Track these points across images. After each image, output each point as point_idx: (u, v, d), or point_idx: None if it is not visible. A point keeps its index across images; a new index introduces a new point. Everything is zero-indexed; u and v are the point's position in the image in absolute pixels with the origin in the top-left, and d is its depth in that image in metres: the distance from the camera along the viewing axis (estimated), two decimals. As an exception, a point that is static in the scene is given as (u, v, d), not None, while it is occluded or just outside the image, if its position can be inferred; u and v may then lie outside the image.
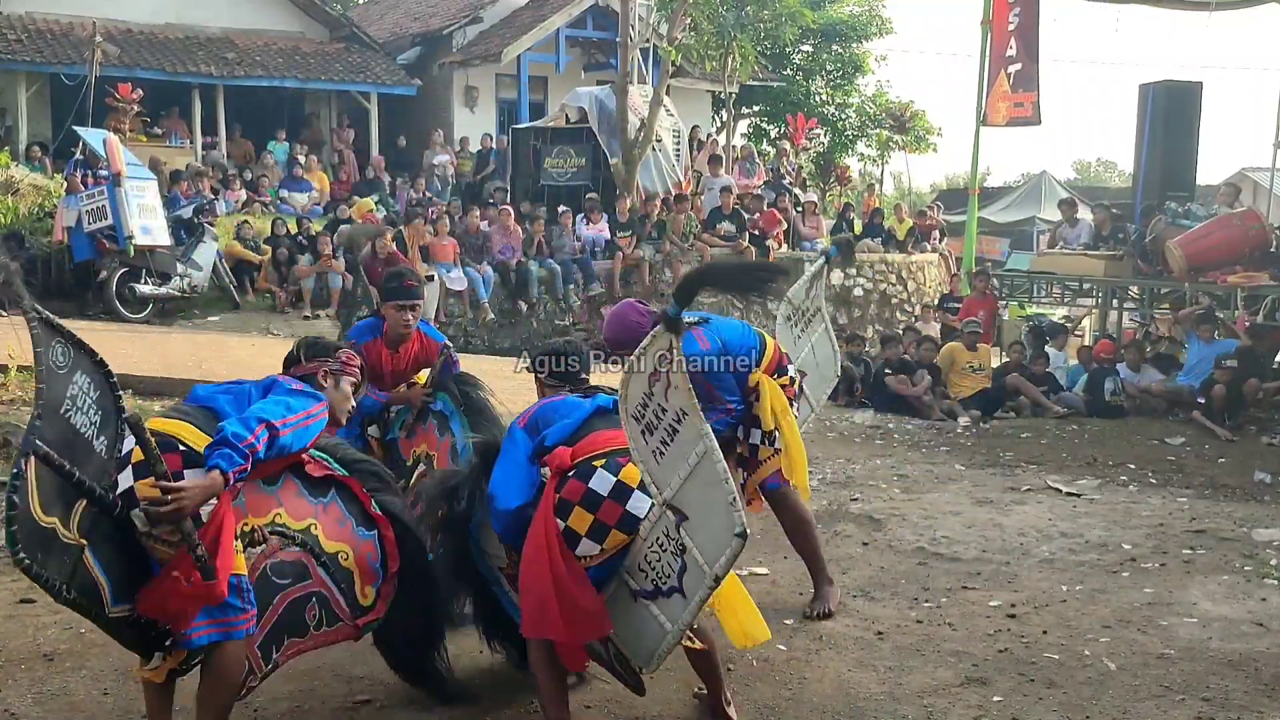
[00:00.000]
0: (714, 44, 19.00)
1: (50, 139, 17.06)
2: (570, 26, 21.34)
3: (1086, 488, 7.12)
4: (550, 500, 3.20)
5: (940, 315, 13.61)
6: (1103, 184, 40.25)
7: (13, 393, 7.47)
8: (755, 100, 25.56)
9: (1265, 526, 6.09)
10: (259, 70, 19.28)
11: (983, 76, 13.97)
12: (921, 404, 10.00)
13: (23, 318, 2.61)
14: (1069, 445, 8.65)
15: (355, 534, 3.50)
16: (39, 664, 3.88)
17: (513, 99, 21.65)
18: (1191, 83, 12.71)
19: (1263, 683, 3.92)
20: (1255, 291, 10.10)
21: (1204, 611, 4.66)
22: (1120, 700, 3.76)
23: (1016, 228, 22.94)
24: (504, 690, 3.79)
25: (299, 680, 3.79)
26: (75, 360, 2.76)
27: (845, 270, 15.18)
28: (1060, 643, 4.27)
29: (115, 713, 3.56)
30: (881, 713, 3.66)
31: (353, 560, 3.48)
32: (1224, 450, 8.46)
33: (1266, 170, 15.60)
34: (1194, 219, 11.10)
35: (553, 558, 3.12)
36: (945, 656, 4.13)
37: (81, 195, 12.50)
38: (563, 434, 3.36)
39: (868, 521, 6.08)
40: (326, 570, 3.42)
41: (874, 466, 7.67)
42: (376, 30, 23.39)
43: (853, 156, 26.54)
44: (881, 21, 25.86)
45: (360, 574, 3.50)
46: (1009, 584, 5.04)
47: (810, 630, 4.37)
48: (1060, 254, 12.41)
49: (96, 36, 16.20)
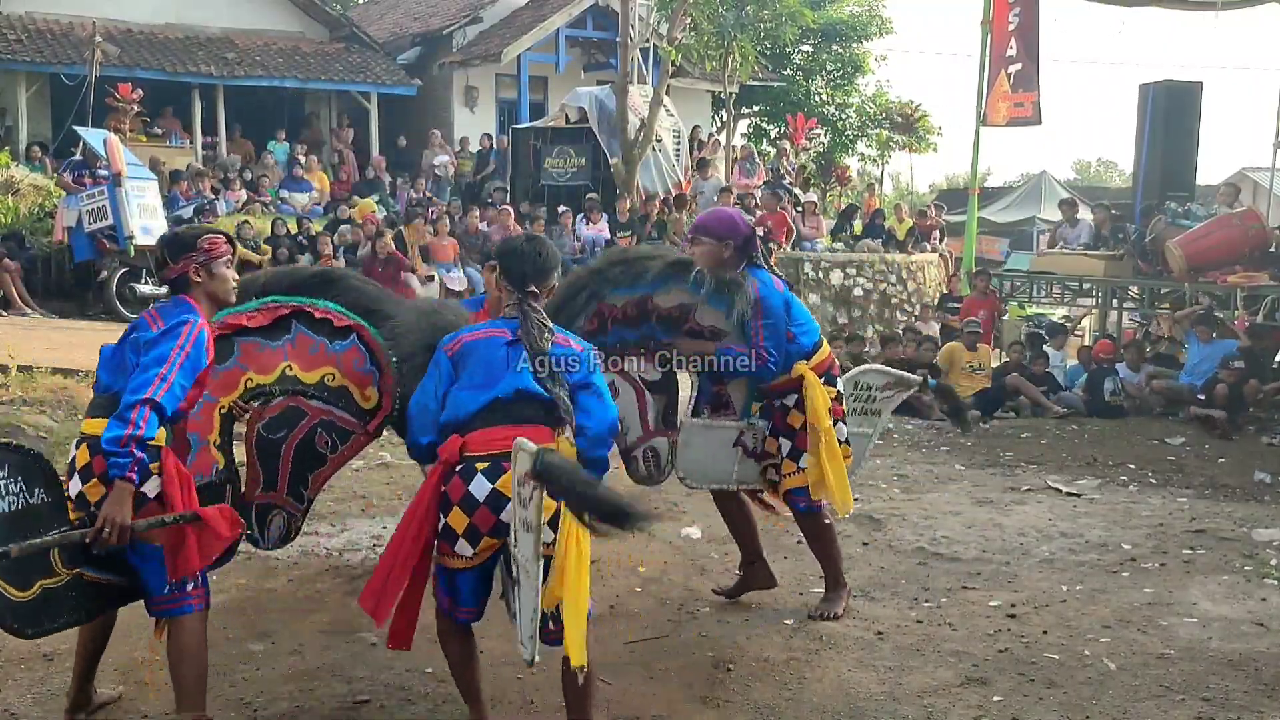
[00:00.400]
0: (714, 44, 18.99)
1: (50, 139, 17.06)
2: (570, 26, 21.35)
3: (1086, 488, 7.12)
4: (434, 490, 3.21)
5: (940, 315, 13.62)
6: (1103, 184, 40.23)
7: (12, 393, 7.46)
8: (755, 100, 25.56)
9: (1265, 526, 6.09)
10: (259, 70, 19.29)
11: (983, 76, 13.96)
12: (921, 404, 9.99)
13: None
14: (1069, 445, 8.66)
15: (331, 350, 3.67)
16: (39, 664, 3.88)
17: (513, 99, 21.66)
18: (1191, 83, 12.71)
19: (1263, 683, 3.92)
20: (1255, 291, 10.09)
21: (1204, 611, 4.67)
22: (1120, 700, 3.76)
23: (1016, 228, 22.93)
24: (504, 690, 3.79)
25: (299, 680, 3.79)
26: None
27: (845, 270, 15.22)
28: (1060, 643, 4.27)
29: (115, 713, 3.56)
30: (881, 713, 3.66)
31: (340, 375, 3.66)
32: (1224, 450, 8.45)
33: (1266, 170, 15.60)
34: (1194, 219, 11.10)
35: (410, 548, 3.19)
36: (945, 656, 4.13)
37: (81, 195, 12.52)
38: (462, 412, 3.26)
39: (868, 521, 6.08)
40: (319, 399, 3.63)
41: (874, 466, 7.67)
42: (376, 30, 23.40)
43: (853, 156, 26.55)
44: (881, 21, 25.87)
45: (353, 382, 3.70)
46: (1009, 584, 5.04)
47: (810, 630, 4.37)
48: (1060, 254, 12.41)
49: (96, 36, 16.20)
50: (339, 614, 4.44)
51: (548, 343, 3.32)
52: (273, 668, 3.88)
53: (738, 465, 4.51)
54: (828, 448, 4.26)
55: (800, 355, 4.33)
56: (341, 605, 4.53)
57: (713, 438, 4.46)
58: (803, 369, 4.31)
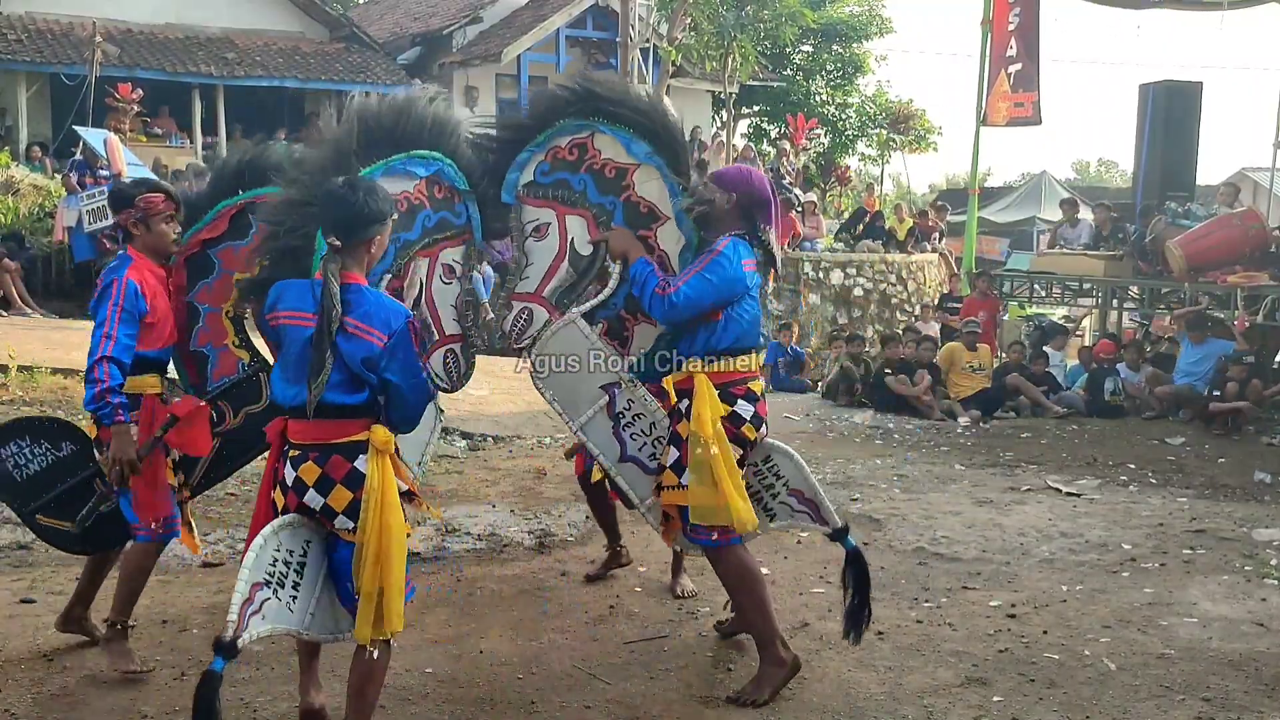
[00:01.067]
0: (714, 44, 19.00)
1: (50, 139, 17.06)
2: (570, 26, 21.36)
3: (1086, 488, 7.12)
4: (272, 472, 3.16)
5: (940, 315, 13.62)
6: (1103, 184, 40.22)
7: (13, 393, 7.47)
8: (755, 100, 25.57)
9: (1265, 526, 6.09)
10: (259, 70, 19.29)
11: (983, 76, 13.95)
12: (921, 404, 10.00)
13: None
14: (1069, 445, 8.66)
15: None
16: (39, 664, 3.88)
17: (513, 99, 21.64)
18: (1191, 83, 12.71)
19: (1263, 683, 3.92)
20: (1255, 291, 10.09)
21: (1204, 611, 4.67)
22: (1120, 700, 3.76)
23: (1016, 228, 22.91)
24: (504, 690, 3.79)
25: (299, 680, 3.78)
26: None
27: (845, 270, 15.22)
28: (1060, 643, 4.27)
29: (115, 713, 3.56)
30: (881, 713, 3.66)
31: None
32: (1224, 450, 8.46)
33: (1266, 170, 15.59)
34: (1194, 219, 11.10)
35: (259, 521, 3.17)
36: (945, 656, 4.13)
37: (81, 195, 12.50)
38: (280, 400, 3.11)
39: (868, 521, 6.08)
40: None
41: (874, 466, 7.67)
42: (376, 30, 23.40)
43: (853, 156, 26.55)
44: (881, 21, 25.89)
45: None
46: (1009, 584, 5.04)
47: (810, 630, 4.37)
48: (1060, 254, 12.41)
49: (96, 36, 16.20)
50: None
51: (338, 321, 2.96)
52: (272, 668, 3.88)
53: (595, 413, 3.94)
54: (713, 463, 3.58)
55: (709, 348, 3.70)
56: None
57: (585, 356, 3.94)
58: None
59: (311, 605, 3.12)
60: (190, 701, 2.81)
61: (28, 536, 5.32)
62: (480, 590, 4.81)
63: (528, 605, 4.62)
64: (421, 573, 5.02)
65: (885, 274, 15.62)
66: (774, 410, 8.35)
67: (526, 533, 5.67)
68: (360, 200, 3.05)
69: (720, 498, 3.59)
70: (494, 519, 5.94)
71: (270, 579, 2.97)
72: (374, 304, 3.04)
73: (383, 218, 3.11)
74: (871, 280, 15.50)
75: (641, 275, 3.73)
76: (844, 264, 15.37)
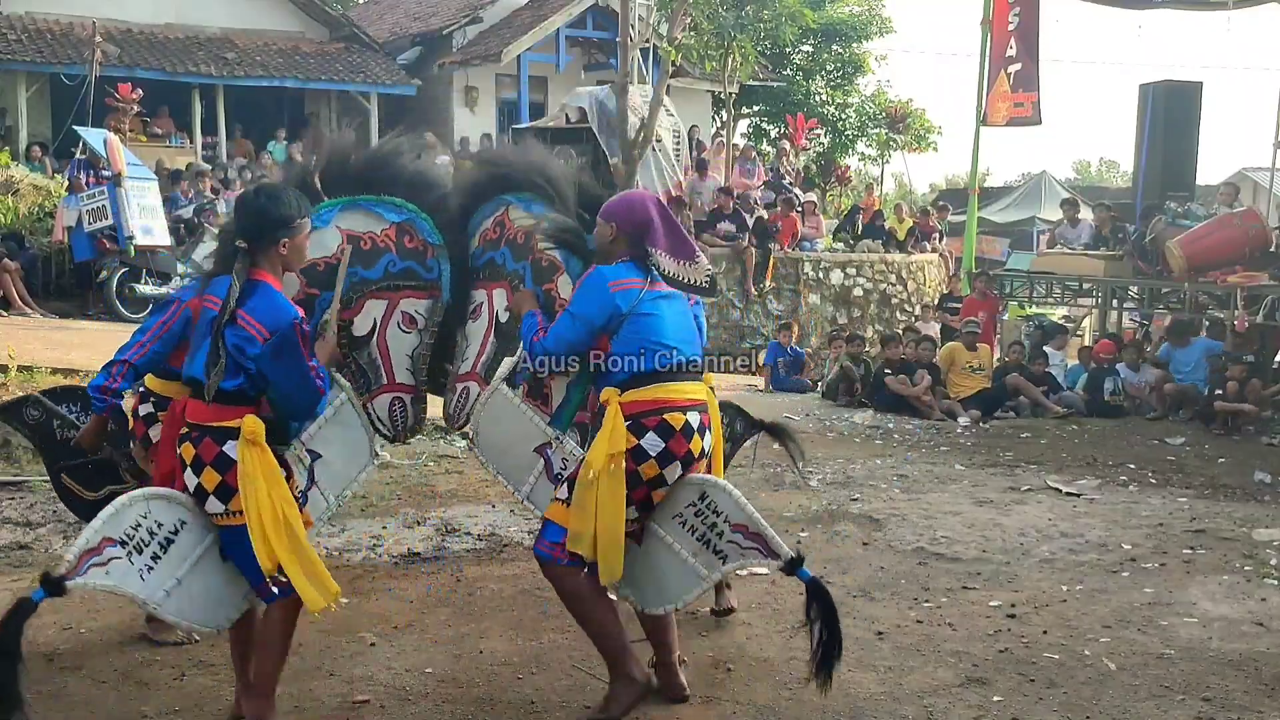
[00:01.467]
0: (714, 44, 18.96)
1: (50, 139, 17.07)
2: (570, 26, 21.36)
3: (1086, 488, 7.13)
4: (171, 443, 3.35)
5: (940, 315, 13.62)
6: (1103, 184, 40.22)
7: (13, 393, 7.46)
8: (755, 100, 25.56)
9: (1265, 526, 6.09)
10: (259, 70, 19.30)
11: (983, 76, 13.94)
12: (921, 404, 9.99)
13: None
14: (1069, 445, 8.66)
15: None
16: (39, 664, 3.87)
17: (513, 99, 21.66)
18: (1191, 83, 12.70)
19: (1263, 683, 3.92)
20: (1255, 291, 10.09)
21: (1204, 611, 4.67)
22: (1120, 700, 3.76)
23: (1016, 228, 22.90)
24: (504, 690, 3.79)
25: (299, 680, 3.79)
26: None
27: (845, 270, 15.22)
28: (1060, 643, 4.27)
29: (115, 713, 3.56)
30: (881, 713, 3.66)
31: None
32: (1224, 450, 8.46)
33: (1266, 170, 15.59)
34: (1194, 219, 11.09)
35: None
36: (945, 656, 4.13)
37: (82, 195, 12.51)
38: (187, 363, 3.30)
39: (868, 521, 6.08)
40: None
41: (874, 466, 7.67)
42: (376, 30, 23.40)
43: (853, 156, 26.54)
44: (881, 21, 25.87)
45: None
46: (1009, 584, 5.04)
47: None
48: (1060, 254, 12.40)
49: (96, 36, 16.21)
50: (339, 614, 4.43)
51: (229, 312, 3.13)
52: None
53: (535, 479, 3.96)
54: (589, 492, 3.39)
55: (624, 376, 3.49)
56: (341, 605, 4.52)
57: (513, 422, 3.97)
58: (611, 396, 3.47)
59: (169, 584, 3.19)
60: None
61: (28, 536, 5.34)
62: (480, 590, 4.81)
63: (528, 605, 4.61)
64: (421, 573, 5.03)
65: (885, 274, 15.63)
66: (774, 410, 8.38)
67: (526, 533, 5.66)
68: (262, 205, 3.24)
69: (588, 527, 3.41)
70: (494, 519, 5.94)
71: (128, 540, 3.09)
72: (266, 301, 3.18)
73: (287, 223, 3.24)
74: (871, 280, 15.50)
75: (525, 327, 3.74)
76: (844, 264, 15.38)
